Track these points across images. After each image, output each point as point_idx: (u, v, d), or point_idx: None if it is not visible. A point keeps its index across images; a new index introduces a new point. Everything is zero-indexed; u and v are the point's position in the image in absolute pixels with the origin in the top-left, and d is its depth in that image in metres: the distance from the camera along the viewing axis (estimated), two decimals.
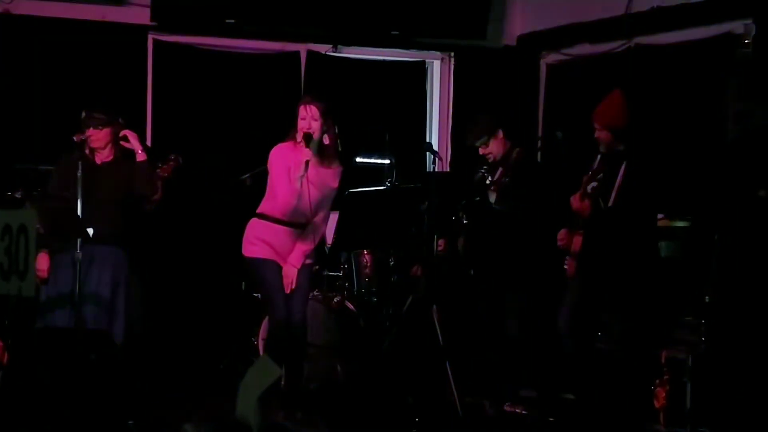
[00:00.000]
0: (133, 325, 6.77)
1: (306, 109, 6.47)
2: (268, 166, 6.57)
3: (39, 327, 6.54)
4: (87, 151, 6.65)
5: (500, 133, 7.17)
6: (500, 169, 7.12)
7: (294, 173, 6.43)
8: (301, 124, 6.47)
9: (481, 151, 7.18)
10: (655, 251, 6.66)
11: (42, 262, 6.59)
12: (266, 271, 6.57)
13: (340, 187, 6.66)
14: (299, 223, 6.52)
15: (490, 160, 7.16)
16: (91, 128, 6.65)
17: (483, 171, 7.17)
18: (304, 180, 6.35)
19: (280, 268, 6.56)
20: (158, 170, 7.06)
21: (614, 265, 6.40)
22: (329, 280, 8.01)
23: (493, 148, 7.15)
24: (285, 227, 6.53)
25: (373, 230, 6.76)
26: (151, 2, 8.44)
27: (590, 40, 8.65)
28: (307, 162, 6.34)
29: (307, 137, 6.39)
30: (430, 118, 9.71)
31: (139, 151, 6.58)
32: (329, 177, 6.56)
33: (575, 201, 6.45)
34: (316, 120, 6.45)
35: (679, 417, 6.41)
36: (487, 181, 7.12)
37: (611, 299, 6.47)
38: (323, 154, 6.50)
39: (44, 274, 6.58)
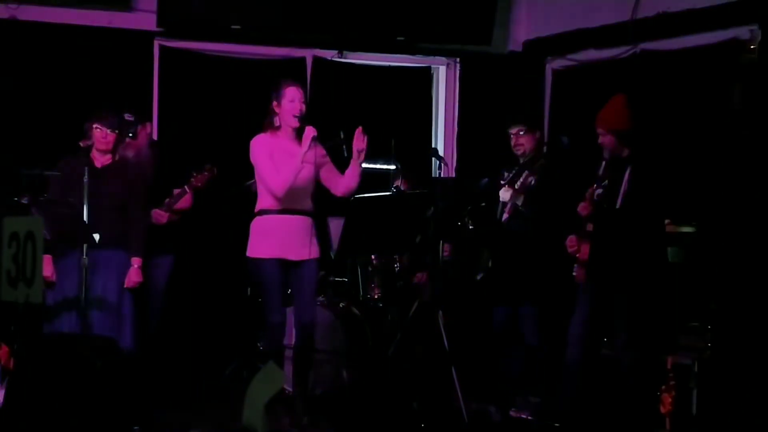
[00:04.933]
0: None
1: (297, 91, 6.54)
2: (252, 158, 6.60)
3: (46, 332, 6.57)
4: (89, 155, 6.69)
5: (538, 134, 7.21)
6: (526, 171, 7.13)
7: (279, 158, 6.46)
8: (290, 106, 6.51)
9: (513, 140, 7.18)
10: (664, 256, 6.65)
11: (46, 268, 6.61)
12: (265, 271, 6.58)
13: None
14: (300, 210, 6.54)
15: (518, 153, 7.16)
16: (108, 130, 6.67)
17: (506, 175, 7.17)
18: (307, 157, 6.41)
19: (280, 268, 6.56)
20: (192, 180, 7.11)
21: (622, 271, 6.41)
22: (335, 285, 8.02)
23: (526, 142, 7.15)
24: (287, 216, 6.55)
25: (378, 236, 6.76)
26: (158, 8, 8.45)
27: (596, 45, 8.64)
28: (314, 137, 6.42)
29: (301, 117, 6.47)
30: (436, 123, 9.71)
31: None
32: (320, 153, 6.64)
33: (582, 209, 6.46)
34: (303, 103, 6.52)
35: (685, 423, 6.41)
36: (516, 185, 7.10)
37: (618, 305, 6.47)
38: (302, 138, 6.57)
39: (50, 278, 6.60)
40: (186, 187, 7.16)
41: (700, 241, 7.09)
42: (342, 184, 6.66)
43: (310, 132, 6.42)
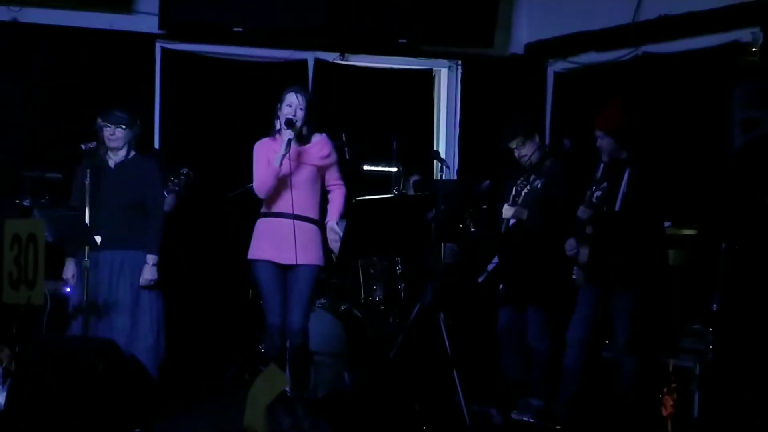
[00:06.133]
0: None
1: (296, 97, 6.49)
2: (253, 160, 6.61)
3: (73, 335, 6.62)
4: (102, 153, 6.70)
5: (536, 137, 7.18)
6: (532, 176, 7.12)
7: (272, 160, 6.44)
8: (286, 110, 6.47)
9: (516, 153, 7.16)
10: (664, 258, 6.65)
11: (68, 271, 6.68)
12: (260, 273, 6.56)
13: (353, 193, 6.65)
14: (295, 215, 6.51)
15: (524, 163, 7.14)
16: (114, 127, 6.67)
17: (518, 178, 7.17)
18: (285, 160, 6.37)
19: (275, 270, 6.54)
20: (170, 184, 7.12)
21: (621, 273, 6.41)
22: (336, 287, 8.01)
23: (528, 150, 7.12)
24: (279, 219, 6.53)
25: (380, 238, 6.74)
26: (159, 11, 8.45)
27: (597, 48, 8.65)
28: (289, 141, 6.36)
29: (290, 123, 6.41)
30: (438, 126, 9.71)
31: None
32: (313, 150, 6.57)
33: (582, 212, 6.47)
34: (302, 109, 6.48)
35: (687, 425, 6.40)
36: (524, 190, 7.10)
37: (619, 307, 6.47)
38: (301, 140, 6.54)
39: (71, 281, 6.66)
40: (165, 192, 7.17)
41: (701, 244, 7.09)
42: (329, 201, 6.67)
43: (286, 135, 6.39)
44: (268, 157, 6.50)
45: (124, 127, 6.71)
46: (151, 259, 6.70)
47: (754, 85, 6.95)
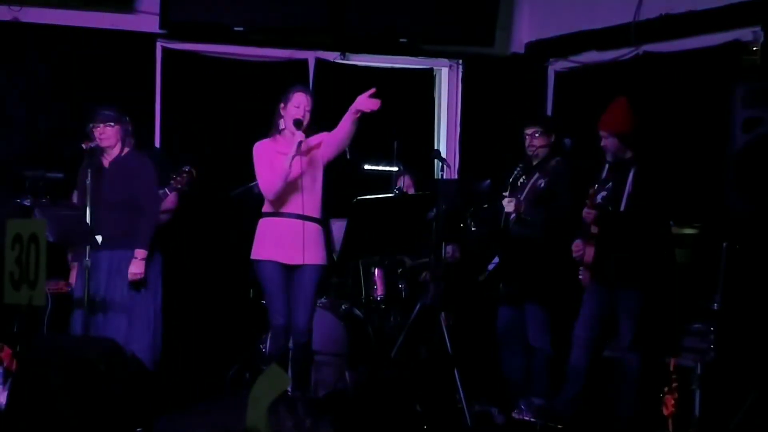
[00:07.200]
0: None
1: (304, 98, 6.56)
2: (254, 162, 6.59)
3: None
4: (99, 154, 6.71)
5: (553, 137, 7.20)
6: (536, 173, 7.12)
7: (276, 162, 6.44)
8: (294, 111, 6.49)
9: (528, 140, 7.17)
10: (670, 258, 6.65)
11: (74, 276, 6.70)
12: (263, 273, 6.57)
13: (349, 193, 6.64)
14: (298, 215, 6.51)
15: (531, 153, 7.15)
16: (102, 125, 6.68)
17: (513, 176, 7.18)
18: (296, 162, 6.37)
19: (279, 270, 6.54)
20: (172, 182, 7.11)
21: (627, 273, 6.41)
22: (337, 287, 8.01)
23: (540, 144, 7.14)
24: (282, 219, 6.53)
25: (381, 237, 6.74)
26: (160, 11, 8.45)
27: (598, 47, 8.65)
28: (300, 143, 6.38)
29: (298, 123, 6.44)
30: (438, 125, 9.71)
31: None
32: (310, 141, 6.58)
33: (586, 214, 6.46)
34: (308, 111, 6.51)
35: (688, 425, 6.39)
36: (520, 182, 7.11)
37: (624, 307, 6.47)
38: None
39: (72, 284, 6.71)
40: (166, 189, 7.16)
41: (703, 243, 7.08)
42: (332, 141, 6.61)
43: (297, 137, 6.40)
44: (270, 159, 6.51)
45: (112, 124, 6.72)
46: (139, 253, 6.67)
47: (755, 84, 6.94)
